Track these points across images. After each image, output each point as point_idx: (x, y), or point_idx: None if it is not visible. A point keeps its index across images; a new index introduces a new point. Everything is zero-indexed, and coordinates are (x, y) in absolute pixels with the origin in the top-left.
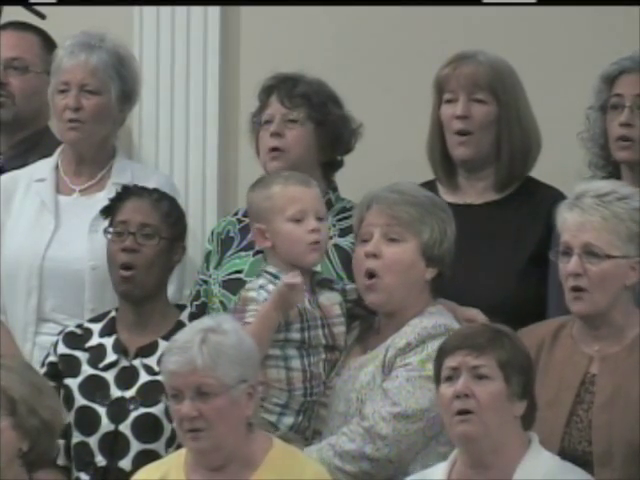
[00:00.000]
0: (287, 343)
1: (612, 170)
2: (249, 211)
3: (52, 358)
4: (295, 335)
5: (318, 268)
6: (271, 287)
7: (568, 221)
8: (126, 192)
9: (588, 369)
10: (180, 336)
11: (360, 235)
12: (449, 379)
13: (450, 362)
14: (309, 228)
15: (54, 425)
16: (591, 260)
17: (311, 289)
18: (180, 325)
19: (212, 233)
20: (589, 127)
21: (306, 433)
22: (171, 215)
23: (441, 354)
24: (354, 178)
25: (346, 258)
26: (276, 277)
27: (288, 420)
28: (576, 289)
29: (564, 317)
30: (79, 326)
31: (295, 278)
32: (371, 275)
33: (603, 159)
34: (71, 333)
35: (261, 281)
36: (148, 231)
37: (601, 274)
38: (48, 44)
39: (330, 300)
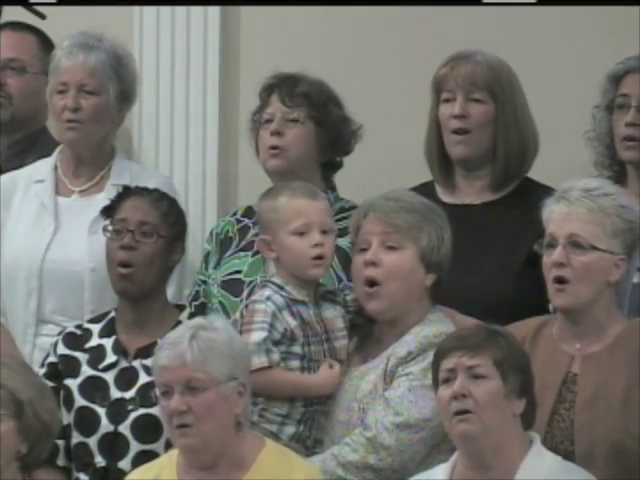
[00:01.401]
0: (289, 356)
1: (618, 169)
2: (258, 221)
3: (52, 358)
4: (297, 349)
5: None
6: (277, 297)
7: (554, 213)
8: (126, 192)
9: (569, 368)
10: (171, 334)
11: (358, 244)
12: (446, 381)
13: (446, 364)
14: (312, 242)
15: (53, 427)
16: (575, 251)
17: (315, 302)
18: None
19: (211, 233)
20: (595, 126)
21: (307, 442)
22: (170, 214)
23: (437, 357)
24: (352, 178)
25: (345, 259)
26: (281, 288)
27: (289, 430)
28: (559, 280)
29: (544, 316)
30: (79, 327)
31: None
32: (372, 283)
33: (609, 158)
34: (71, 334)
35: (268, 292)
36: (147, 229)
37: (585, 265)
38: (46, 45)
39: (333, 313)
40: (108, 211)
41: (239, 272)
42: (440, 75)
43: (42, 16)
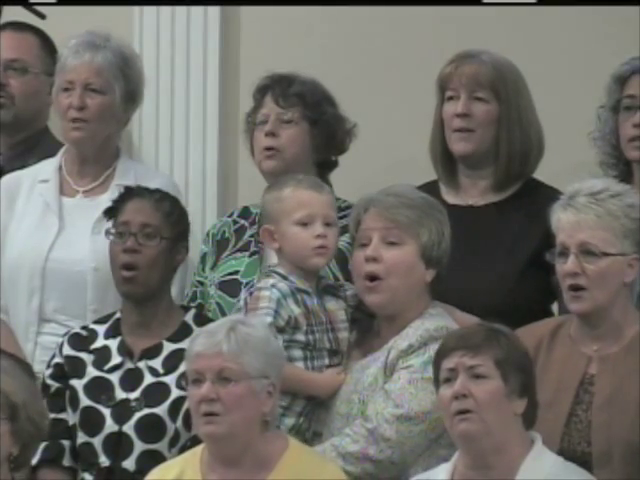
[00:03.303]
0: (292, 344)
1: (623, 168)
2: (261, 212)
3: (58, 359)
4: (300, 337)
5: None
6: (282, 285)
7: (562, 221)
8: (128, 193)
9: (587, 369)
10: (209, 325)
11: (358, 239)
12: (447, 381)
13: (447, 364)
14: (315, 233)
15: (43, 429)
16: (588, 259)
17: (317, 293)
18: (185, 326)
19: (207, 234)
20: (599, 126)
21: (306, 435)
22: (173, 215)
23: (438, 356)
24: (349, 178)
25: (342, 258)
26: (285, 278)
27: (289, 421)
28: (575, 288)
29: (562, 316)
30: (84, 327)
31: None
32: (372, 278)
33: (614, 158)
34: (76, 335)
35: (272, 280)
36: (149, 231)
37: (599, 272)
38: (47, 45)
39: (335, 305)
40: (110, 212)
41: (236, 273)
42: (444, 74)
43: (42, 16)
